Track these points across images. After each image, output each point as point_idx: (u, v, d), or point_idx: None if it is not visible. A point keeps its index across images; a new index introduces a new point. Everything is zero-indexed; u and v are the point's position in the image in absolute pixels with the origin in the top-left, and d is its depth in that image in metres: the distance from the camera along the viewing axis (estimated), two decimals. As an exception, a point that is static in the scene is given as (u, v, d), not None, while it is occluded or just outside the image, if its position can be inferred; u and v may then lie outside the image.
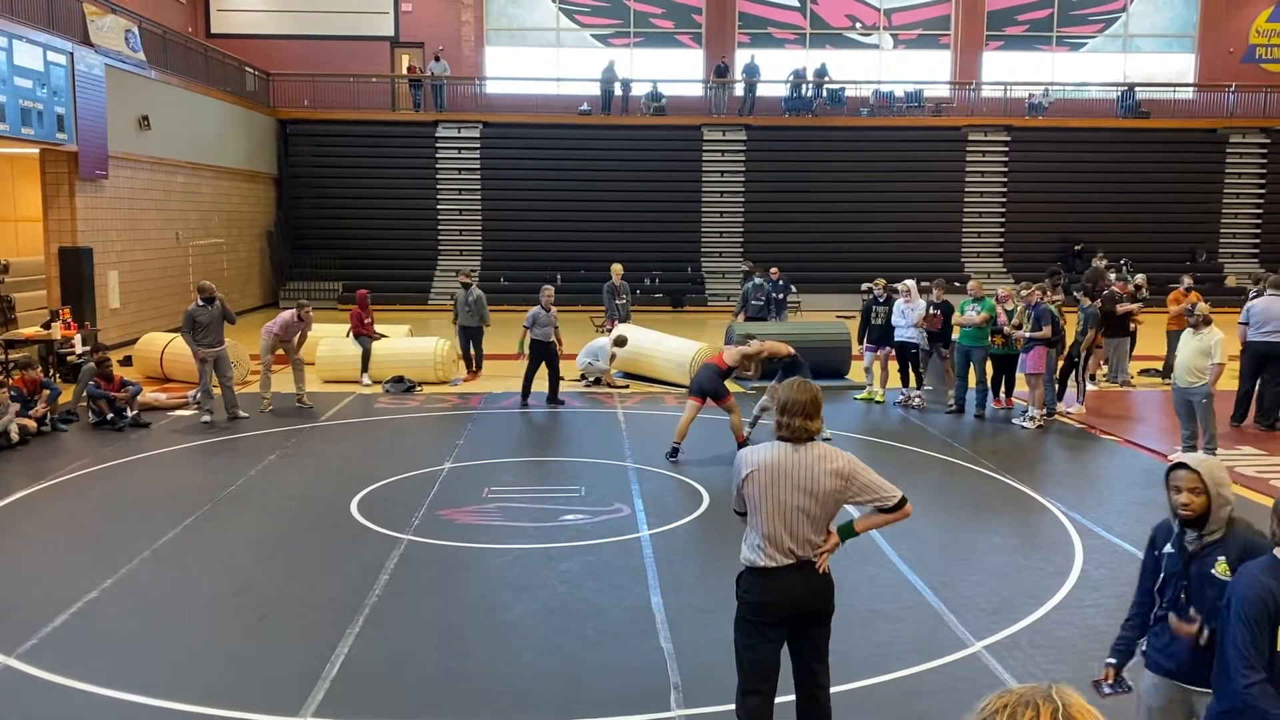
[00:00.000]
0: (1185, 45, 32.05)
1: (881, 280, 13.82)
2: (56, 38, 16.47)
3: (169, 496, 9.16)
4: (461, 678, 5.62)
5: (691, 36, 31.27)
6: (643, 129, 28.86)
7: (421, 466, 10.11)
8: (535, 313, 13.23)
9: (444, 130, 28.50)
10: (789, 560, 4.20)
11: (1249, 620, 3.14)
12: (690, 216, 28.70)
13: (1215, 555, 3.60)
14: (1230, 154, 29.51)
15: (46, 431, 11.50)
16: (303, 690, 5.35)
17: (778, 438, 4.31)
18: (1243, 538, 3.58)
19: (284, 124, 28.09)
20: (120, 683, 5.43)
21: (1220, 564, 3.57)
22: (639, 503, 8.91)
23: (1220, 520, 3.61)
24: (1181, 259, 27.50)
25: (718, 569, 7.28)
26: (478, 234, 28.49)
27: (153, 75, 20.29)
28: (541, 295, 13.44)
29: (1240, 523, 3.63)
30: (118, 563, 7.28)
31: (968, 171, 29.27)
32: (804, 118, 29.42)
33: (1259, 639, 3.13)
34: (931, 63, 31.68)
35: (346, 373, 14.89)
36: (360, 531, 8.12)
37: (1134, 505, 9.02)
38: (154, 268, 20.25)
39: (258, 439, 11.44)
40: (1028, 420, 12.19)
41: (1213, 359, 9.98)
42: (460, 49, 30.13)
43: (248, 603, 6.66)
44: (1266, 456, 10.77)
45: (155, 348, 15.36)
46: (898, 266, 24.55)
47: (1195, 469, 3.63)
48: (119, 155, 18.52)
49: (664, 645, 5.97)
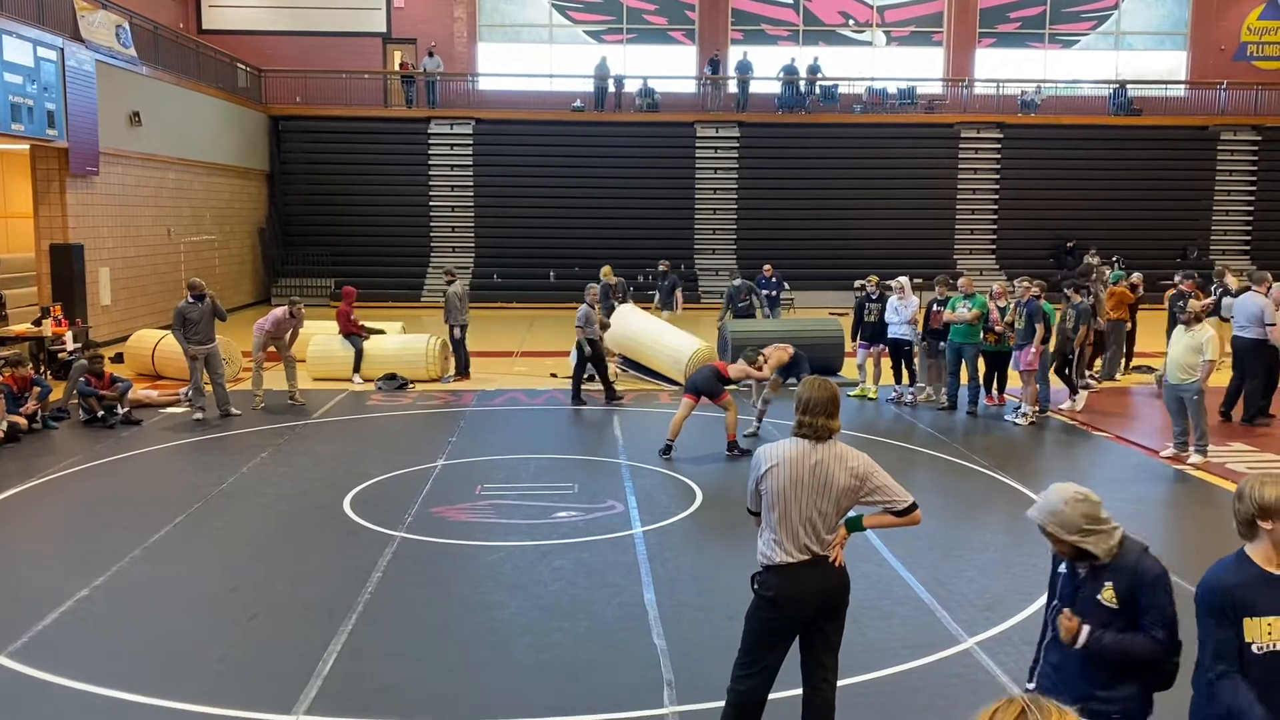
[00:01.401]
0: (1177, 43, 32.13)
1: (874, 277, 13.83)
2: (47, 33, 16.39)
3: (160, 494, 9.14)
4: (454, 675, 5.61)
5: (684, 33, 31.25)
6: (636, 125, 28.83)
7: (414, 464, 10.10)
8: (584, 311, 13.19)
9: (436, 126, 28.44)
10: (805, 556, 4.24)
11: (1213, 614, 3.16)
12: (683, 213, 28.70)
13: (1104, 581, 3.45)
14: (1221, 151, 29.59)
15: (37, 429, 11.46)
16: (295, 688, 5.34)
17: (797, 435, 4.33)
18: (1133, 564, 3.42)
19: (276, 120, 28.01)
20: (111, 681, 5.41)
21: (1107, 590, 3.43)
22: (632, 500, 8.90)
23: (1105, 550, 3.43)
24: (1173, 256, 27.55)
25: (711, 566, 7.30)
26: (470, 231, 28.44)
27: (144, 71, 20.21)
28: (587, 294, 13.42)
29: (1133, 547, 3.46)
30: (109, 561, 7.26)
31: (960, 168, 29.30)
32: (797, 114, 29.42)
33: (1225, 634, 3.13)
34: (924, 60, 31.70)
35: (338, 370, 14.86)
36: (353, 529, 8.11)
37: (1126, 502, 9.03)
38: (145, 264, 20.18)
39: (249, 436, 11.41)
40: (1020, 417, 12.22)
41: (1204, 356, 10.01)
42: (453, 45, 30.06)
43: (240, 601, 6.64)
44: (1258, 453, 10.81)
45: (147, 345, 15.32)
46: (890, 263, 24.51)
47: (1042, 525, 3.46)
48: (110, 151, 18.45)
49: (657, 642, 5.97)
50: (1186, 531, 8.63)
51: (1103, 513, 3.45)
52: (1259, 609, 3.11)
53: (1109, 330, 15.05)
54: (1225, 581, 3.16)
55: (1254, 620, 3.11)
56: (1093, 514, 3.42)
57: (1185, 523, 8.91)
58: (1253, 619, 3.11)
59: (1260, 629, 3.11)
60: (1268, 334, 11.79)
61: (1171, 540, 8.35)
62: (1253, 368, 11.99)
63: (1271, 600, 3.12)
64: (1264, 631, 3.10)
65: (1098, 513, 3.44)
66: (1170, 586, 3.41)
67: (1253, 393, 12.07)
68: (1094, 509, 3.44)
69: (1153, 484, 9.78)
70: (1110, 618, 3.41)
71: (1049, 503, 3.47)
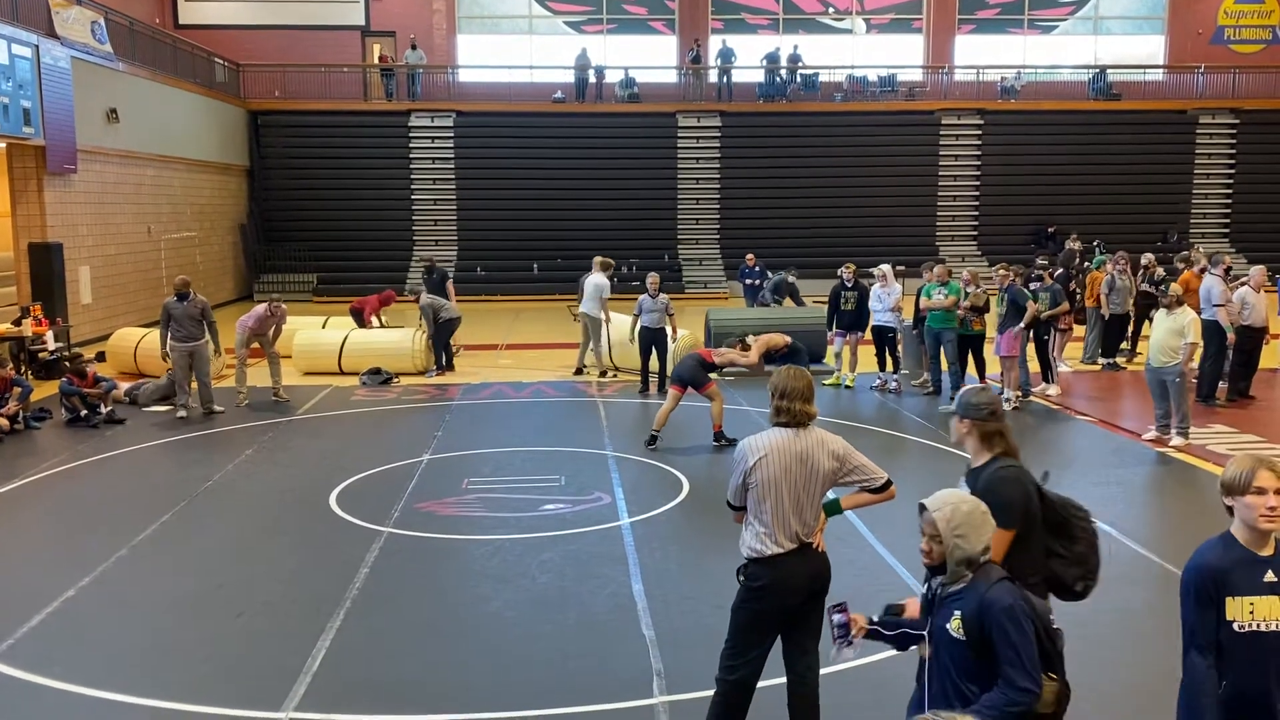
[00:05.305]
0: (1155, 27, 32.27)
1: (851, 265, 13.78)
2: (21, 30, 16.23)
3: (145, 493, 9.09)
4: (443, 669, 5.62)
5: (665, 23, 31.19)
6: (617, 116, 28.77)
7: (400, 459, 10.08)
8: (642, 299, 13.23)
9: (417, 120, 28.32)
10: (793, 545, 4.28)
11: (1195, 595, 3.20)
12: (666, 204, 28.69)
13: (952, 609, 3.12)
14: (1200, 135, 29.77)
15: (19, 430, 11.38)
16: (284, 685, 5.34)
17: (777, 424, 4.36)
18: (981, 593, 3.06)
19: (255, 115, 27.83)
20: (99, 681, 5.40)
21: (955, 620, 3.09)
22: (619, 491, 8.92)
23: (958, 573, 3.12)
24: (1153, 239, 27.72)
25: (698, 556, 7.32)
26: (453, 224, 28.36)
27: (120, 67, 20.04)
28: (647, 282, 13.43)
29: (989, 575, 3.12)
30: (95, 561, 7.23)
31: (941, 155, 29.37)
32: (778, 103, 29.43)
33: (1206, 614, 3.17)
34: (904, 47, 31.75)
35: (323, 365, 14.82)
36: (339, 525, 8.09)
37: (1109, 485, 9.11)
38: (126, 262, 20.04)
39: (234, 434, 11.37)
40: (1003, 402, 12.26)
41: (1186, 338, 10.08)
42: (432, 37, 29.92)
43: (227, 598, 6.62)
44: (1238, 434, 10.90)
45: (128, 343, 15.22)
46: (872, 250, 24.67)
47: (933, 515, 3.14)
48: (88, 149, 18.30)
49: (646, 633, 5.99)
50: (1169, 514, 8.71)
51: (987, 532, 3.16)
52: (1240, 589, 3.16)
53: (1090, 316, 15.14)
54: (1209, 562, 3.21)
55: (1235, 600, 3.16)
56: (981, 523, 3.14)
57: (1168, 505, 8.98)
58: (1234, 599, 3.16)
59: (1242, 609, 3.16)
60: (1216, 314, 11.94)
61: (1154, 523, 8.43)
62: (1206, 349, 12.16)
63: (1251, 581, 3.17)
64: (1245, 611, 3.16)
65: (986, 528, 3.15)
66: (1026, 618, 3.05)
67: (1208, 372, 12.29)
68: (985, 520, 3.16)
69: (1135, 467, 9.86)
70: (962, 654, 3.10)
71: (949, 498, 3.19)
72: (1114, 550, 7.43)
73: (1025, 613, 3.06)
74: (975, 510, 3.14)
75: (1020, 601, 3.08)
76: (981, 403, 3.89)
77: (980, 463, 3.87)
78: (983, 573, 3.11)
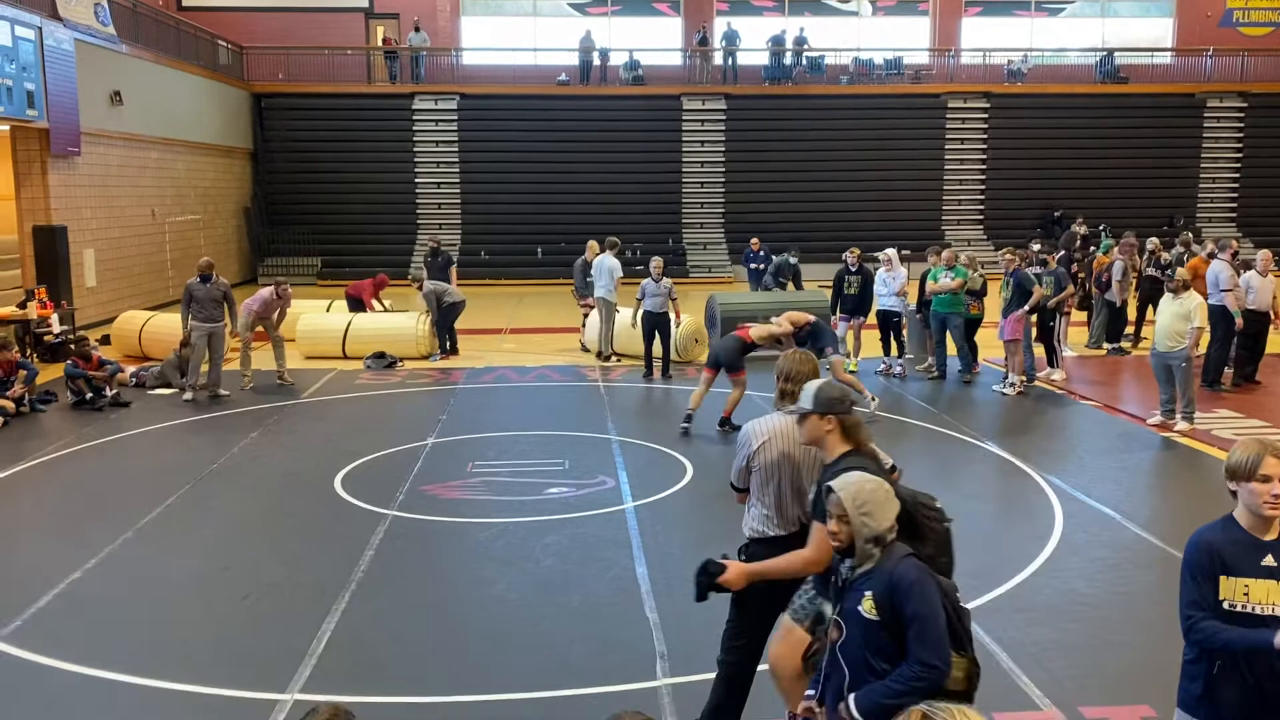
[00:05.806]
0: (1163, 9, 32.02)
1: (855, 250, 13.72)
2: (24, 12, 16.18)
3: (151, 476, 9.12)
4: (448, 652, 5.64)
5: (670, 4, 31.01)
6: (622, 99, 28.66)
7: (405, 442, 10.10)
8: (645, 284, 13.20)
9: (420, 102, 28.24)
10: (794, 528, 4.28)
11: (1194, 570, 3.21)
12: (670, 187, 28.60)
13: (863, 590, 3.12)
14: (1208, 118, 29.58)
15: (25, 412, 11.41)
16: (289, 667, 5.36)
17: (781, 408, 4.38)
18: (888, 571, 3.09)
19: (258, 98, 27.76)
20: (105, 662, 5.43)
21: (866, 601, 3.10)
22: (623, 475, 8.93)
23: (867, 552, 3.13)
24: (1160, 224, 27.60)
25: (702, 539, 7.32)
26: (456, 208, 28.31)
27: (124, 49, 19.98)
28: (651, 266, 13.40)
29: (895, 553, 3.14)
30: (101, 543, 7.25)
31: (947, 138, 29.23)
32: (784, 86, 29.29)
33: (1204, 588, 3.18)
34: (910, 29, 31.54)
35: (328, 349, 14.83)
36: (344, 508, 8.11)
37: (1114, 469, 9.11)
38: (130, 245, 20.04)
39: (239, 417, 11.39)
40: (1008, 387, 12.26)
41: (1192, 323, 10.06)
42: (435, 20, 29.79)
43: (232, 580, 6.65)
44: (1243, 419, 10.88)
45: (133, 326, 15.24)
46: (878, 235, 24.60)
47: (839, 495, 3.16)
48: (91, 131, 18.27)
49: (649, 615, 6.00)
50: (1173, 498, 8.70)
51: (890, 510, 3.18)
52: (1237, 569, 3.17)
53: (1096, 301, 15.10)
54: (1207, 539, 3.23)
55: (1230, 580, 3.17)
56: (885, 501, 3.17)
57: (1172, 489, 8.97)
58: (1229, 578, 3.17)
59: (1236, 589, 3.17)
60: (1224, 299, 11.90)
61: (1158, 507, 8.43)
62: (1213, 334, 12.13)
63: (1250, 563, 3.17)
64: (1239, 592, 3.17)
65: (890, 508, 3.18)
66: (933, 593, 3.10)
67: (1214, 357, 12.27)
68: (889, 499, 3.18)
69: (1140, 451, 9.85)
70: (875, 633, 3.11)
71: (855, 477, 3.23)
72: (1117, 535, 7.43)
73: (933, 589, 3.11)
74: (879, 489, 3.19)
75: (927, 577, 3.12)
76: (841, 397, 3.92)
77: (834, 458, 3.88)
78: (889, 552, 3.15)
